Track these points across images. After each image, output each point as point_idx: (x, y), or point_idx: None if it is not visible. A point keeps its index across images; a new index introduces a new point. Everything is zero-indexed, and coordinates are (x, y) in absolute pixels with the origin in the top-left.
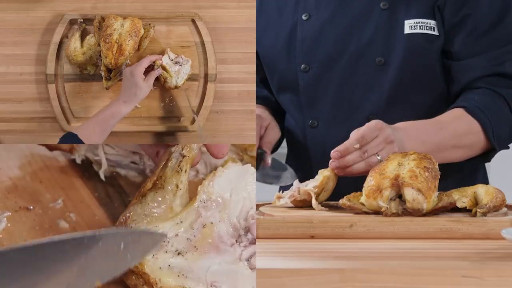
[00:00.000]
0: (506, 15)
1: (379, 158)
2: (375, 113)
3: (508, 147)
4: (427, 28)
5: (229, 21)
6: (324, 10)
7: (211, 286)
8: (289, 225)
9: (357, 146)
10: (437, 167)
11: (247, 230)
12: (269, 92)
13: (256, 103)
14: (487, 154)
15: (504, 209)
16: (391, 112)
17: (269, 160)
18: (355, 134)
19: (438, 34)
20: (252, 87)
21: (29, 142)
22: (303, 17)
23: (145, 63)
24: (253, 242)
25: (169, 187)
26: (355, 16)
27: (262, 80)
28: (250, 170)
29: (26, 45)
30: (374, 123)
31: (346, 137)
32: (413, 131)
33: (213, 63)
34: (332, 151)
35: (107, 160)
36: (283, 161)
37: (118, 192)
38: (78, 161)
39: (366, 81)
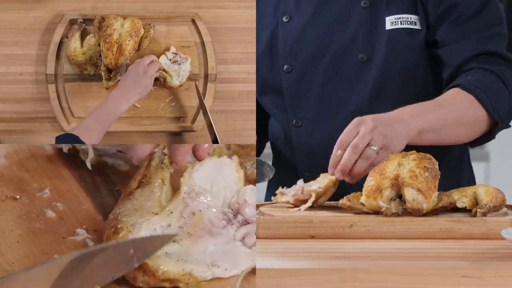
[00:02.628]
0: (489, 1)
1: (374, 148)
2: (359, 109)
3: (509, 126)
4: (408, 23)
5: (229, 21)
6: (305, 11)
7: (212, 265)
8: (289, 225)
9: (339, 152)
10: (437, 167)
11: (236, 213)
12: None
13: None
14: (490, 132)
15: (504, 209)
16: (375, 108)
17: None
18: (336, 145)
19: (419, 28)
20: (252, 87)
21: (29, 142)
22: (284, 19)
23: (147, 61)
24: (244, 223)
25: (156, 183)
26: (336, 16)
27: None
28: (226, 162)
29: (26, 45)
30: (352, 123)
31: (331, 135)
32: (412, 109)
33: (213, 63)
34: (329, 168)
35: (94, 149)
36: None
37: (105, 181)
38: (65, 150)
39: (350, 78)
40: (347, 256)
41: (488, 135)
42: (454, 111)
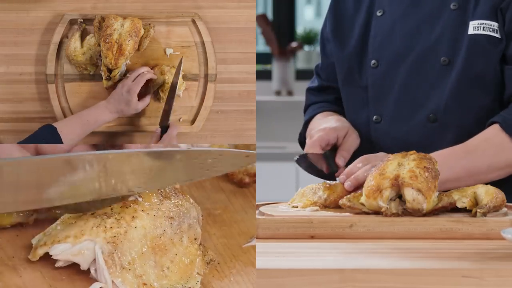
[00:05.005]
0: None
1: None
2: (435, 112)
3: None
4: (490, 30)
5: (229, 21)
6: (397, 7)
7: None
8: (289, 225)
9: (360, 165)
10: (437, 167)
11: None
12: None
13: (331, 108)
14: None
15: (504, 209)
16: (450, 112)
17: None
18: (359, 158)
19: (500, 37)
20: (252, 87)
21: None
22: (378, 13)
23: (133, 76)
24: None
25: None
26: (425, 15)
27: (328, 79)
28: None
29: (26, 45)
30: (382, 153)
31: (406, 135)
32: (438, 158)
33: (213, 63)
34: (340, 176)
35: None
36: None
37: None
38: None
39: (430, 80)
40: (347, 256)
41: None
42: (484, 158)
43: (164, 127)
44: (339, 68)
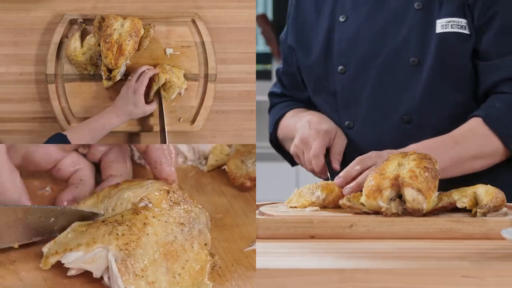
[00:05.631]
0: None
1: None
2: (408, 113)
3: None
4: (459, 27)
5: (229, 21)
6: (361, 12)
7: None
8: (289, 225)
9: (358, 168)
10: (437, 167)
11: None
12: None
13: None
14: (509, 161)
15: (504, 209)
16: (424, 112)
17: (328, 174)
18: (354, 160)
19: (469, 33)
20: (252, 87)
21: (29, 142)
22: (341, 19)
23: (145, 82)
24: None
25: None
26: (390, 17)
27: (290, 86)
28: None
29: (26, 45)
30: (374, 152)
31: (380, 138)
32: (426, 150)
33: (213, 63)
34: (336, 178)
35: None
36: None
37: None
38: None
39: (401, 81)
40: (347, 256)
41: (507, 164)
42: (469, 148)
43: None
44: (307, 76)
